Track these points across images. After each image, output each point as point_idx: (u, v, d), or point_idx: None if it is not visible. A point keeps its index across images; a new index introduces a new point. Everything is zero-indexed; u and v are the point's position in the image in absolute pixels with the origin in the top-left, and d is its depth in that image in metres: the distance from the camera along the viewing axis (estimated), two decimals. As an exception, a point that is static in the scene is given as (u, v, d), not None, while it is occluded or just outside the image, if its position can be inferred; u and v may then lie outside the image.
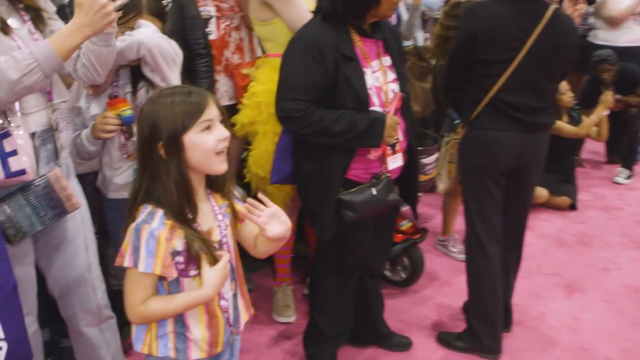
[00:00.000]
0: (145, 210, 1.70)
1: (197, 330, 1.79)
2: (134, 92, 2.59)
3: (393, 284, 3.70)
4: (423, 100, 4.22)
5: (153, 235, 1.66)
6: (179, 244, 1.70)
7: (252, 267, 3.80)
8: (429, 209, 4.84)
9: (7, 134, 1.95)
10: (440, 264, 4.00)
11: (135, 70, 2.59)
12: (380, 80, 2.52)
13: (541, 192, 4.87)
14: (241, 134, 3.15)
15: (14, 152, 1.95)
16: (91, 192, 2.88)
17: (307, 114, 2.40)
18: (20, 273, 2.13)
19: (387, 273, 3.71)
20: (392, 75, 2.59)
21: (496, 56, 2.71)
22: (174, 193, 1.69)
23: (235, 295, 1.88)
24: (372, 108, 2.48)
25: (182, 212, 1.71)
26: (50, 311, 2.46)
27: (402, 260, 3.65)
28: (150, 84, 2.56)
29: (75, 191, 2.25)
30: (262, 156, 3.01)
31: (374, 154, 2.53)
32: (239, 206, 1.88)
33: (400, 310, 3.46)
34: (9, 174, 1.95)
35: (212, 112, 1.71)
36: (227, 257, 1.77)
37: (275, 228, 1.76)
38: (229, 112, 3.18)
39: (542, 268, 3.97)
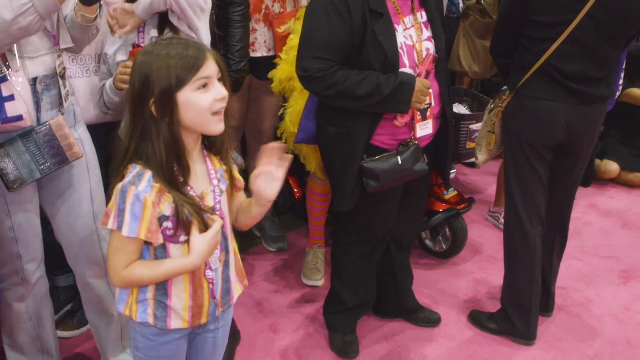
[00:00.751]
0: (133, 170, 1.60)
1: (179, 300, 1.70)
2: (159, 40, 2.49)
3: (433, 255, 3.53)
4: (485, 61, 3.93)
5: (139, 199, 1.56)
6: (167, 208, 1.59)
7: (288, 226, 3.73)
8: (487, 177, 4.59)
9: (4, 78, 1.90)
10: (487, 238, 3.77)
11: (163, 18, 2.48)
12: (413, 38, 2.31)
13: (612, 167, 4.52)
14: (278, 91, 3.03)
15: (11, 97, 1.91)
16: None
17: (329, 74, 2.22)
18: (22, 219, 2.12)
19: (428, 242, 3.55)
20: (427, 33, 2.36)
21: (551, 18, 2.43)
22: (164, 154, 1.57)
23: (226, 265, 1.77)
24: (402, 70, 2.28)
25: (172, 174, 1.60)
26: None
27: (444, 230, 3.47)
28: (177, 32, 2.46)
29: (81, 139, 2.19)
30: (298, 115, 2.87)
31: (400, 120, 2.33)
32: (237, 173, 1.77)
33: (435, 283, 3.29)
34: (5, 120, 1.91)
35: (210, 68, 1.58)
36: (220, 224, 1.66)
37: (268, 189, 1.67)
38: (266, 64, 3.11)
39: (600, 250, 3.68)
